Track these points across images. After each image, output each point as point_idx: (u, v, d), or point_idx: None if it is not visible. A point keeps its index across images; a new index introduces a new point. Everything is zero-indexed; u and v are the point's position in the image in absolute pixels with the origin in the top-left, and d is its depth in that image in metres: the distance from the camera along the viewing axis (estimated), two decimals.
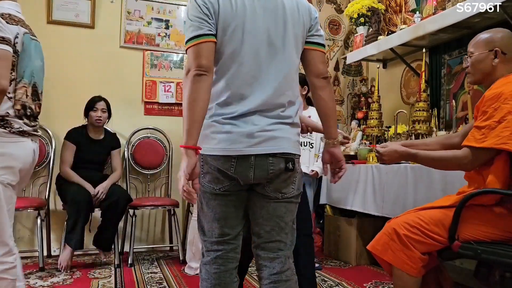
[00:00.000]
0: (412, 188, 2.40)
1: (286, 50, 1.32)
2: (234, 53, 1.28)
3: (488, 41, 1.72)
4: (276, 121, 1.31)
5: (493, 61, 1.70)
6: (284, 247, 1.38)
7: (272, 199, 1.34)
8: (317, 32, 1.40)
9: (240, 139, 1.27)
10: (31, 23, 3.38)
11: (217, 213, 1.36)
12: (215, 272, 1.36)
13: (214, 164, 1.30)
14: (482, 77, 1.75)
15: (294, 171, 1.34)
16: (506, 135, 1.56)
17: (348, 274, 2.86)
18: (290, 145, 1.32)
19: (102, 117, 3.13)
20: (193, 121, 1.26)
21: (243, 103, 1.29)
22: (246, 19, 1.27)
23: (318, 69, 1.40)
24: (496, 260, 1.55)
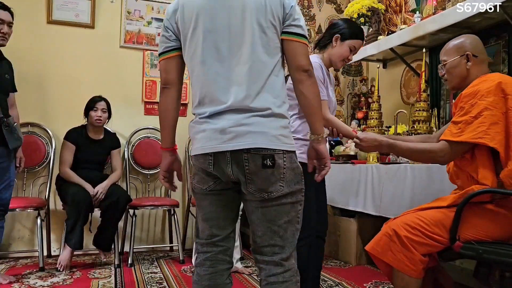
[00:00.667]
0: (411, 188, 2.40)
1: (250, 44, 1.27)
2: (195, 54, 1.31)
3: (458, 47, 1.81)
4: (250, 115, 1.25)
5: (466, 64, 1.79)
6: (279, 250, 1.32)
7: (260, 201, 1.29)
8: (294, 21, 1.31)
9: (214, 136, 1.27)
10: (31, 23, 3.40)
11: (206, 213, 1.37)
12: (205, 274, 1.37)
13: (197, 164, 1.34)
14: (459, 82, 1.82)
15: (276, 167, 1.25)
16: (482, 130, 1.62)
17: (348, 274, 2.86)
18: (269, 139, 1.25)
19: (102, 117, 3.13)
20: (163, 128, 1.46)
21: (213, 101, 1.29)
22: (204, 19, 1.29)
23: (296, 61, 1.31)
24: (497, 260, 1.55)
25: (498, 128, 1.63)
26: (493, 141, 1.61)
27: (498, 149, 1.61)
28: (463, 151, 1.70)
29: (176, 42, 1.36)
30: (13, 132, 2.47)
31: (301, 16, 1.34)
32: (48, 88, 3.48)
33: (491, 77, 1.72)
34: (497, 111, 1.63)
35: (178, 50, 1.37)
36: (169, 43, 1.37)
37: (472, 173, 1.69)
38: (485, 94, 1.65)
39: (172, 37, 1.36)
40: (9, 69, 2.66)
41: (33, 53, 3.40)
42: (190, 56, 1.33)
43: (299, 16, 1.33)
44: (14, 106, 2.75)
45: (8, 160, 2.52)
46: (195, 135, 1.34)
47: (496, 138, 1.62)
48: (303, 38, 1.32)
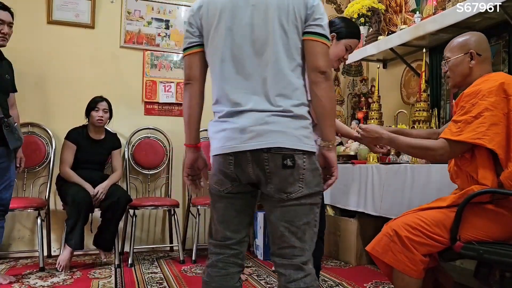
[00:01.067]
0: (411, 188, 2.40)
1: (272, 45, 1.25)
2: (217, 52, 1.30)
3: (463, 44, 1.80)
4: (271, 114, 1.24)
5: (469, 63, 1.78)
6: (298, 252, 1.27)
7: (278, 201, 1.26)
8: (315, 21, 1.28)
9: (234, 135, 1.25)
10: (31, 23, 3.40)
11: (220, 215, 1.36)
12: (216, 276, 1.36)
13: (216, 165, 1.32)
14: (461, 80, 1.82)
15: (295, 167, 1.23)
16: (481, 131, 1.62)
17: (348, 274, 2.86)
18: (290, 139, 1.23)
19: (104, 117, 3.13)
20: (186, 123, 1.47)
21: (233, 100, 1.27)
22: (227, 17, 1.28)
23: (314, 61, 1.27)
24: (497, 260, 1.55)
25: (498, 129, 1.62)
26: (492, 142, 1.61)
27: (496, 151, 1.61)
28: (462, 150, 1.70)
29: (199, 38, 1.35)
30: (13, 132, 2.47)
31: (324, 15, 1.30)
32: (48, 88, 3.48)
33: (494, 76, 1.71)
34: (498, 112, 1.63)
35: (202, 46, 1.36)
36: (193, 39, 1.36)
37: (472, 173, 1.69)
38: (486, 94, 1.64)
39: (196, 33, 1.35)
40: (9, 69, 2.66)
41: (33, 53, 3.40)
42: (211, 53, 1.33)
43: (321, 16, 1.29)
44: (14, 106, 2.75)
45: (8, 160, 2.52)
46: (214, 135, 1.32)
47: (495, 139, 1.61)
48: (323, 38, 1.28)
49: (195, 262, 3.19)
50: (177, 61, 3.82)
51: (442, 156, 1.72)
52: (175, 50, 3.81)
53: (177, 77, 3.80)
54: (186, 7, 3.83)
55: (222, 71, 1.29)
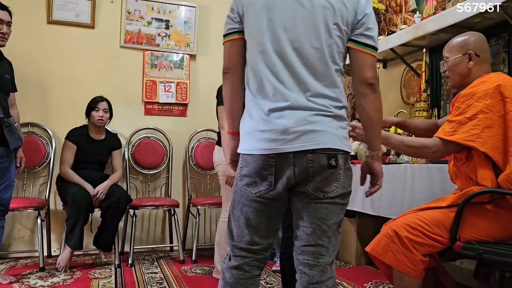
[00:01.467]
0: (410, 188, 2.39)
1: (314, 42, 1.21)
2: (256, 42, 1.26)
3: (462, 45, 1.80)
4: (313, 113, 1.20)
5: (468, 63, 1.78)
6: (325, 252, 1.26)
7: (313, 198, 1.24)
8: (366, 31, 1.25)
9: (275, 136, 1.20)
10: (31, 23, 3.40)
11: (249, 220, 1.29)
12: (242, 278, 1.32)
13: (252, 165, 1.25)
14: (460, 80, 1.82)
15: (337, 167, 1.22)
16: (475, 133, 1.63)
17: (348, 274, 2.86)
18: (333, 139, 1.21)
19: (104, 117, 3.13)
20: (228, 112, 1.40)
21: (272, 94, 1.23)
22: (269, 8, 1.24)
23: (362, 73, 1.25)
24: (497, 260, 1.55)
25: (492, 132, 1.63)
26: (485, 145, 1.62)
27: (489, 153, 1.62)
28: (456, 150, 1.71)
29: (240, 24, 1.31)
30: (14, 132, 2.47)
31: (375, 25, 1.27)
32: (48, 88, 3.48)
33: (491, 78, 1.71)
34: (492, 115, 1.63)
35: (242, 33, 1.31)
36: (234, 25, 1.32)
37: (470, 174, 1.69)
38: (482, 96, 1.65)
39: (236, 19, 1.31)
40: (9, 69, 2.66)
41: (33, 53, 3.40)
42: (250, 43, 1.29)
43: (372, 26, 1.26)
44: (14, 106, 2.74)
45: (8, 160, 2.52)
46: (252, 131, 1.25)
47: (488, 142, 1.62)
48: (372, 50, 1.26)
49: (195, 262, 3.19)
50: (177, 61, 3.82)
51: (435, 154, 1.73)
52: (175, 50, 3.81)
53: (177, 77, 3.80)
54: (186, 7, 3.83)
55: (261, 64, 1.25)
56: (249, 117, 1.28)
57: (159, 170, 3.69)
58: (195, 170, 3.76)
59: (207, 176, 3.77)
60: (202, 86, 3.84)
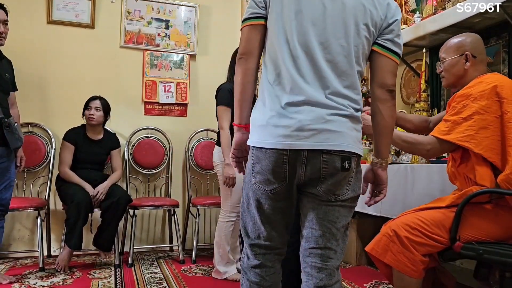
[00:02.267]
0: (411, 188, 2.39)
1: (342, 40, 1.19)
2: (281, 32, 1.22)
3: (458, 46, 1.81)
4: (331, 112, 1.17)
5: (464, 64, 1.79)
6: (333, 255, 1.25)
7: (324, 201, 1.22)
8: (395, 38, 1.25)
9: (291, 131, 1.16)
10: (31, 23, 3.40)
11: (266, 216, 1.27)
12: (268, 275, 1.31)
13: (264, 161, 1.21)
14: (456, 80, 1.83)
15: (350, 171, 1.20)
16: (469, 134, 1.64)
17: (348, 274, 2.86)
18: (348, 142, 1.18)
19: (95, 116, 3.10)
20: (237, 101, 1.30)
21: (290, 87, 1.19)
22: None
23: (383, 78, 1.24)
24: (497, 260, 1.55)
25: (487, 133, 1.63)
26: (479, 146, 1.62)
27: (484, 155, 1.62)
28: (450, 149, 1.73)
29: (264, 10, 1.25)
30: (13, 132, 2.46)
31: (401, 32, 1.28)
32: (48, 88, 3.48)
33: (488, 79, 1.72)
34: (488, 116, 1.63)
35: (265, 20, 1.26)
36: (258, 10, 1.26)
37: (469, 174, 1.69)
38: (478, 97, 1.65)
39: (261, 4, 1.25)
40: (9, 68, 2.65)
41: (33, 53, 3.40)
42: (275, 32, 1.23)
43: (400, 33, 1.26)
44: (14, 105, 2.74)
45: (8, 160, 2.52)
46: (266, 125, 1.20)
47: (482, 143, 1.63)
48: (396, 57, 1.25)
49: (195, 262, 3.19)
50: (177, 61, 3.82)
51: (429, 152, 1.74)
52: (175, 50, 3.81)
53: (177, 77, 3.80)
54: (186, 7, 3.83)
55: (284, 54, 1.20)
56: (263, 106, 1.24)
57: (159, 170, 3.69)
58: (195, 170, 3.76)
59: (207, 176, 3.77)
60: (202, 86, 3.84)
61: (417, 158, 2.58)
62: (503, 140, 1.63)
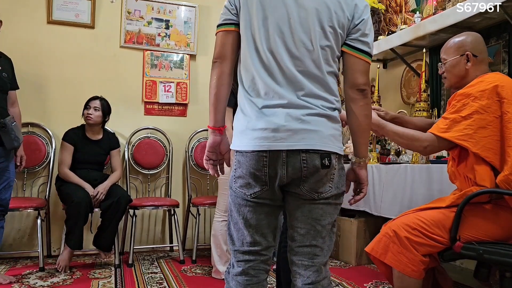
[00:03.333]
0: (411, 188, 2.40)
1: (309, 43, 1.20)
2: (250, 39, 1.25)
3: (459, 46, 1.81)
4: (306, 112, 1.19)
5: (466, 64, 1.78)
6: (320, 252, 1.26)
7: (307, 199, 1.24)
8: (362, 37, 1.24)
9: (268, 133, 1.18)
10: (31, 23, 3.40)
11: (247, 220, 1.28)
12: (248, 284, 1.29)
13: (244, 165, 1.23)
14: (457, 81, 1.83)
15: (331, 167, 1.21)
16: (468, 133, 1.64)
17: (348, 274, 2.86)
18: (325, 140, 1.20)
19: (93, 115, 3.09)
20: (211, 103, 1.35)
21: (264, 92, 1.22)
22: (264, 7, 1.23)
23: (353, 78, 1.25)
24: (497, 260, 1.55)
25: (485, 132, 1.63)
26: (477, 145, 1.62)
27: (481, 154, 1.62)
28: (447, 147, 1.73)
29: (236, 17, 1.29)
30: (9, 132, 2.44)
31: (371, 31, 1.27)
32: (48, 88, 3.48)
33: (488, 78, 1.71)
34: (487, 116, 1.63)
35: (237, 26, 1.29)
36: (231, 16, 1.29)
37: (469, 174, 1.69)
38: (478, 96, 1.65)
39: (233, 11, 1.29)
40: (7, 67, 2.61)
41: (33, 53, 3.40)
42: (245, 39, 1.27)
43: (369, 32, 1.26)
44: (15, 103, 2.71)
45: (7, 160, 2.52)
46: (245, 130, 1.24)
47: (480, 142, 1.62)
48: (366, 56, 1.25)
49: (195, 262, 3.19)
50: (177, 61, 3.82)
51: (426, 149, 1.74)
52: (175, 50, 3.81)
53: (177, 77, 3.80)
54: (186, 7, 3.83)
55: (254, 61, 1.24)
56: (242, 114, 1.27)
57: (159, 170, 3.69)
58: (195, 170, 3.76)
59: (207, 176, 3.77)
60: (202, 86, 3.84)
61: (417, 158, 2.58)
62: (502, 140, 1.63)
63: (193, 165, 3.73)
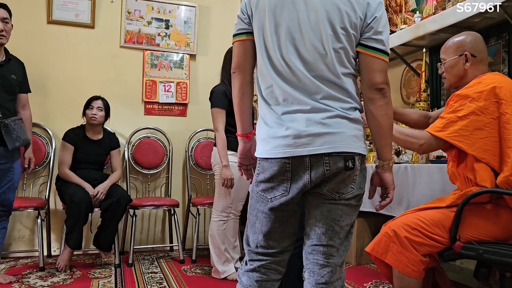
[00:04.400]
0: (411, 188, 2.40)
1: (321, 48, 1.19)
2: (263, 47, 1.25)
3: (458, 46, 1.81)
4: (326, 115, 1.18)
5: (465, 65, 1.79)
6: (336, 253, 1.25)
7: (328, 199, 1.22)
8: (375, 35, 1.21)
9: (290, 140, 1.18)
10: (31, 23, 3.40)
11: (264, 226, 1.28)
12: (258, 280, 1.29)
13: (268, 170, 1.23)
14: (456, 81, 1.83)
15: (355, 169, 1.20)
16: (464, 135, 1.64)
17: (348, 274, 2.86)
18: (347, 142, 1.18)
19: (97, 115, 3.10)
20: (237, 113, 1.39)
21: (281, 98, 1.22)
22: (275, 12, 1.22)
23: (371, 78, 1.21)
24: (497, 260, 1.55)
25: (482, 134, 1.63)
26: (473, 147, 1.62)
27: (477, 156, 1.62)
28: (443, 147, 1.73)
29: (249, 25, 1.30)
30: (11, 133, 2.44)
31: (386, 28, 1.23)
32: (48, 88, 3.48)
33: (487, 79, 1.71)
34: (484, 117, 1.63)
35: (251, 35, 1.30)
36: (243, 25, 1.31)
37: (468, 175, 1.69)
38: (475, 97, 1.65)
39: (246, 20, 1.30)
40: (18, 70, 2.62)
41: (33, 53, 3.40)
42: (259, 46, 1.27)
43: (383, 29, 1.22)
44: (26, 106, 2.73)
45: (10, 161, 2.51)
46: (267, 137, 1.24)
47: (476, 144, 1.62)
48: (382, 54, 1.22)
49: (195, 262, 3.19)
50: (177, 61, 3.82)
51: (421, 147, 1.73)
52: (175, 50, 3.81)
53: (177, 77, 3.80)
54: (186, 7, 3.83)
55: (269, 68, 1.24)
56: (263, 123, 1.27)
57: (159, 170, 3.69)
58: (195, 170, 3.76)
59: (207, 176, 3.77)
60: (202, 86, 3.84)
61: (417, 158, 2.59)
62: (501, 142, 1.63)
63: (193, 165, 3.73)
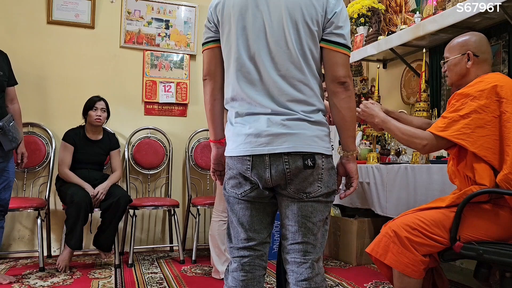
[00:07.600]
0: (411, 188, 2.40)
1: (285, 47, 1.22)
2: (231, 50, 1.28)
3: (461, 45, 1.83)
4: (286, 118, 1.22)
5: (467, 63, 1.80)
6: (312, 249, 1.28)
7: (296, 199, 1.26)
8: (336, 29, 1.24)
9: (251, 138, 1.23)
10: (31, 23, 3.40)
11: (240, 217, 1.32)
12: (243, 280, 1.31)
13: (233, 167, 1.29)
14: (458, 79, 1.85)
15: (316, 167, 1.22)
16: (466, 132, 1.65)
17: (348, 274, 2.86)
18: (307, 142, 1.21)
19: (102, 117, 3.11)
20: (208, 119, 1.44)
21: (247, 101, 1.26)
22: (239, 16, 1.26)
23: (333, 72, 1.25)
24: (497, 260, 1.55)
25: (483, 132, 1.64)
26: (474, 145, 1.63)
27: (479, 153, 1.63)
28: (445, 146, 1.74)
29: (216, 33, 1.35)
30: (7, 134, 2.42)
31: (346, 22, 1.27)
32: (48, 88, 3.48)
33: (488, 79, 1.72)
34: (486, 115, 1.64)
35: (219, 42, 1.35)
36: (211, 34, 1.36)
37: (468, 173, 1.70)
38: (477, 96, 1.66)
39: (213, 28, 1.35)
40: (3, 64, 2.55)
41: (33, 53, 3.40)
42: (226, 51, 1.31)
43: (343, 24, 1.25)
44: (14, 100, 2.67)
45: (5, 160, 2.51)
46: (231, 136, 1.29)
47: (478, 142, 1.63)
48: (343, 48, 1.25)
49: (195, 262, 3.19)
50: (177, 61, 3.82)
51: (424, 147, 1.75)
52: (175, 50, 3.81)
53: (177, 77, 3.80)
54: (186, 7, 3.83)
55: (236, 71, 1.27)
56: (230, 124, 1.32)
57: (159, 170, 3.69)
58: (195, 170, 3.76)
59: (207, 176, 3.77)
60: (202, 86, 3.83)
61: (417, 158, 2.59)
62: (501, 140, 1.63)
63: (193, 165, 3.73)
